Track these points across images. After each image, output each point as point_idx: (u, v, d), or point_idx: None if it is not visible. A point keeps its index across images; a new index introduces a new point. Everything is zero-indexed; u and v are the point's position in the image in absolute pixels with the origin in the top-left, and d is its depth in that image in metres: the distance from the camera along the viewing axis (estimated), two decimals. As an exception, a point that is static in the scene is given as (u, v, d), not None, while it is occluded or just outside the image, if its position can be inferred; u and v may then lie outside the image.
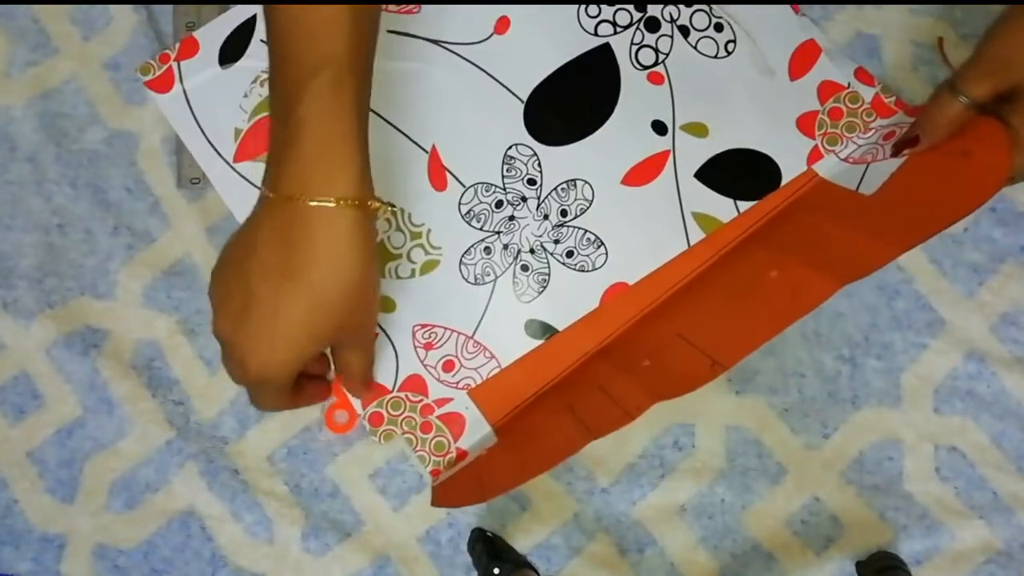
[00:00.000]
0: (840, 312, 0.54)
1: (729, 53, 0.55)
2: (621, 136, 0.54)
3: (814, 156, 0.54)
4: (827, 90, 0.54)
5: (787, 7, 0.55)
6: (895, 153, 0.47)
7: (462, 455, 0.52)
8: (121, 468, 0.55)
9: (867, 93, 0.54)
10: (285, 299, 0.39)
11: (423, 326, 0.53)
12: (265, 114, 0.55)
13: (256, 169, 0.54)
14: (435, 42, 0.55)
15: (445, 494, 0.49)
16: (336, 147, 0.39)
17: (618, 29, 0.55)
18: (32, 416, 0.55)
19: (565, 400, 0.50)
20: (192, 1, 0.57)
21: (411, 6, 0.55)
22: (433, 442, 0.52)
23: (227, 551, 0.54)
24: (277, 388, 0.42)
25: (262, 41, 0.55)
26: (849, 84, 0.54)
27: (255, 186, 0.55)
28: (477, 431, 0.52)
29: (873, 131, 0.53)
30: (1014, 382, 0.53)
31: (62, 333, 0.55)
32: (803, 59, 0.54)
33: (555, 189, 0.53)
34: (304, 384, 0.46)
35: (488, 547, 0.52)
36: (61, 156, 0.57)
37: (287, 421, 0.54)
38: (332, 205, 0.38)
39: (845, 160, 0.54)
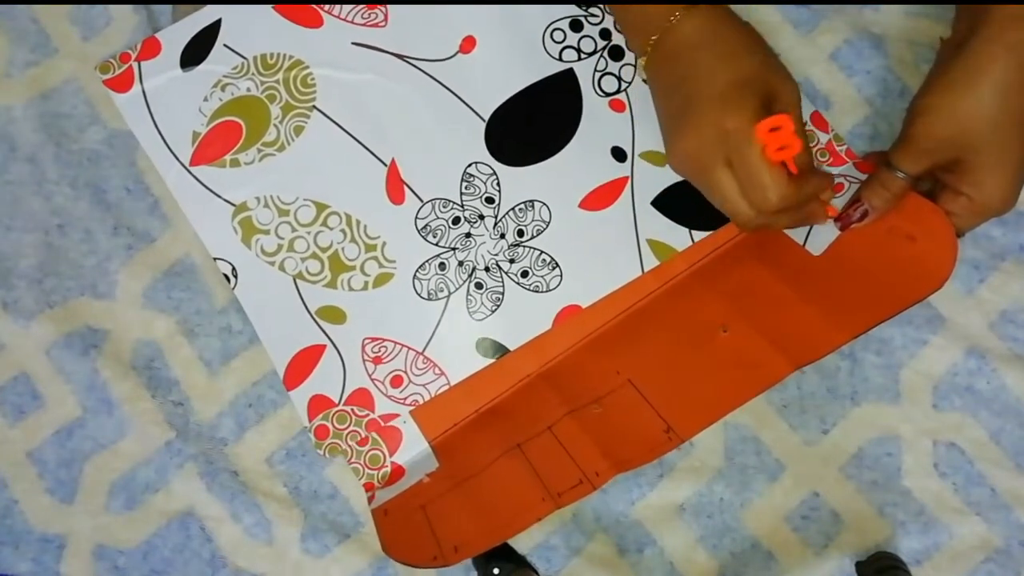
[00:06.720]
0: (839, 310, 0.54)
1: None
2: (580, 160, 0.54)
3: None
4: None
5: None
6: (843, 228, 0.48)
7: (398, 471, 0.51)
8: (121, 468, 0.55)
9: (821, 138, 0.54)
10: None
11: (373, 339, 0.53)
12: (224, 119, 0.54)
13: (213, 173, 0.54)
14: (400, 57, 0.55)
15: (393, 538, 0.48)
16: None
17: (582, 56, 0.55)
18: (32, 416, 0.55)
19: (511, 435, 0.50)
20: (192, 1, 0.57)
21: (378, 19, 0.55)
22: (368, 455, 0.52)
23: (226, 552, 0.54)
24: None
25: (225, 46, 0.55)
26: (808, 122, 0.54)
27: (211, 190, 0.54)
28: (414, 446, 0.52)
29: None
30: (1014, 379, 0.53)
31: (62, 333, 0.55)
32: None
33: (513, 209, 0.54)
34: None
35: (488, 547, 0.52)
36: (61, 156, 0.57)
37: (285, 423, 0.54)
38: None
39: None
